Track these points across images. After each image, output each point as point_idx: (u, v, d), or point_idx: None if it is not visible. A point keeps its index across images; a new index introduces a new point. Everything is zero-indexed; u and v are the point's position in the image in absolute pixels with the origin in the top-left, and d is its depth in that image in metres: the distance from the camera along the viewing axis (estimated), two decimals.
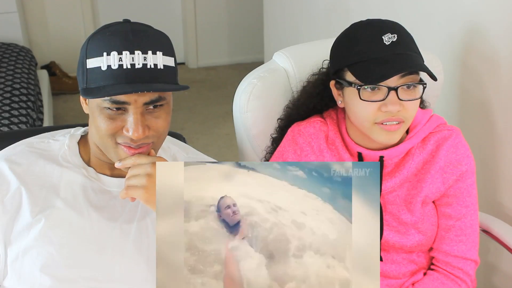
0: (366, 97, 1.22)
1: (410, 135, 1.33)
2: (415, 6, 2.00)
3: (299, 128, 1.38)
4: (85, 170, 1.18)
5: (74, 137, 1.21)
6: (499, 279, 1.79)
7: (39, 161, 1.17)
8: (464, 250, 1.35)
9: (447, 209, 1.35)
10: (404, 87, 1.21)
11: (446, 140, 1.34)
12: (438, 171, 1.33)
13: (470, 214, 1.35)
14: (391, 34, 1.21)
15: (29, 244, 1.11)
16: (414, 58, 1.22)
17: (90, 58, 1.07)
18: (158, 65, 1.06)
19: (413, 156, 1.34)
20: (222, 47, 4.67)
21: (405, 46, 1.22)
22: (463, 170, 1.34)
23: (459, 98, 1.83)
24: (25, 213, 1.12)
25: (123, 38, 1.05)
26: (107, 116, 1.07)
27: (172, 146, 1.29)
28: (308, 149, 1.36)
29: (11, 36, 3.60)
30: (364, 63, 1.22)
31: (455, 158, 1.34)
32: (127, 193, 1.09)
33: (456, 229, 1.35)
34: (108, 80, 1.04)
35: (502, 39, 1.62)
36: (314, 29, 2.82)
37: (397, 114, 1.21)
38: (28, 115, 2.64)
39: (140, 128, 1.06)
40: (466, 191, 1.35)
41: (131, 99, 1.05)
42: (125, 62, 1.04)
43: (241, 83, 1.51)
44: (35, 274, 1.10)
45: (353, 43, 1.25)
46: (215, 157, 1.82)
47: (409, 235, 1.34)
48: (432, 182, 1.33)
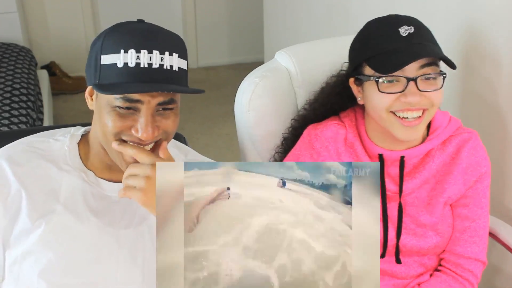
0: (385, 89, 1.21)
1: (432, 136, 1.33)
2: (415, 6, 1.99)
3: (316, 132, 1.36)
4: (84, 174, 1.16)
5: (74, 137, 1.20)
6: (501, 281, 1.79)
7: (40, 162, 1.15)
8: (476, 251, 1.35)
9: (464, 210, 1.35)
10: (423, 78, 1.20)
11: (467, 142, 1.34)
12: (460, 173, 1.33)
13: (484, 216, 1.36)
14: (407, 26, 1.21)
15: (28, 249, 1.10)
16: (431, 47, 1.21)
17: (105, 54, 1.05)
18: (174, 67, 1.06)
19: (434, 158, 1.33)
20: (222, 47, 4.67)
21: (422, 37, 1.21)
22: (482, 172, 1.35)
23: (460, 98, 1.83)
24: (24, 217, 1.10)
25: (141, 37, 1.05)
26: (117, 114, 1.06)
27: (172, 148, 1.27)
28: (326, 154, 1.34)
29: (11, 36, 3.59)
30: (381, 55, 1.21)
31: (475, 160, 1.34)
32: (125, 193, 1.08)
33: (471, 230, 1.35)
34: (124, 78, 1.03)
35: (503, 39, 1.62)
36: (314, 29, 2.82)
37: (419, 104, 1.21)
38: (28, 115, 2.64)
39: (150, 129, 1.05)
40: (482, 193, 1.35)
41: (145, 98, 1.04)
42: (143, 60, 1.03)
43: (243, 82, 1.51)
44: (33, 279, 1.09)
45: (370, 38, 1.25)
46: (215, 157, 1.82)
47: (427, 238, 1.34)
48: (454, 184, 1.33)
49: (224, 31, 4.64)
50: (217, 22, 4.58)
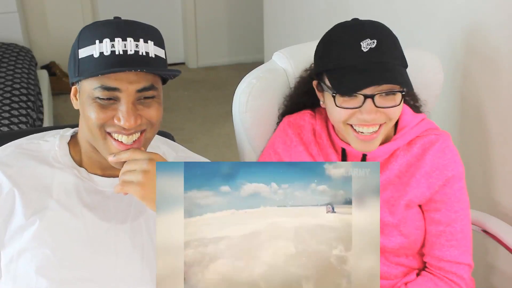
0: (342, 104, 1.21)
1: (397, 136, 1.32)
2: (415, 6, 1.99)
3: (290, 120, 1.42)
4: (76, 170, 1.17)
5: (64, 138, 1.21)
6: (498, 279, 1.79)
7: (30, 162, 1.16)
8: (456, 254, 1.33)
9: (436, 215, 1.33)
10: (382, 94, 1.19)
11: (432, 144, 1.32)
12: (423, 176, 1.31)
13: (460, 220, 1.33)
14: (370, 39, 1.18)
15: (23, 246, 1.10)
16: (391, 68, 1.20)
17: (82, 48, 1.07)
18: (150, 54, 1.07)
19: (397, 158, 1.32)
20: (222, 47, 4.67)
21: (383, 54, 1.19)
22: (449, 176, 1.31)
23: (458, 97, 1.83)
24: (18, 215, 1.11)
25: (115, 27, 1.06)
26: (98, 106, 1.07)
27: (162, 145, 1.28)
28: (297, 139, 1.38)
29: (11, 36, 3.60)
30: (340, 71, 1.21)
31: (441, 163, 1.31)
32: (122, 188, 1.08)
33: (447, 234, 1.33)
34: (101, 67, 1.04)
35: (502, 39, 1.62)
36: (314, 29, 2.82)
37: (373, 121, 1.20)
38: (28, 115, 2.64)
39: (132, 117, 1.06)
40: (454, 197, 1.32)
41: (123, 86, 1.05)
42: (118, 48, 1.04)
43: (241, 83, 1.51)
44: (31, 276, 1.10)
45: (332, 47, 1.24)
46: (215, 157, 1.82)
47: (391, 237, 1.33)
48: (417, 186, 1.31)
49: (224, 31, 4.64)
50: (217, 22, 4.59)
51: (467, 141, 1.80)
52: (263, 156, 1.45)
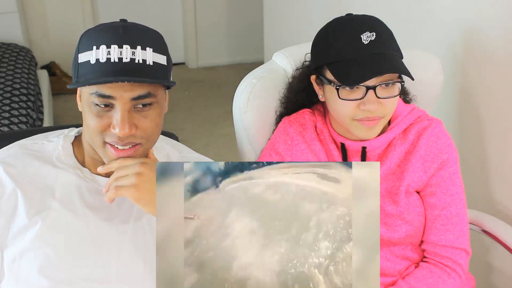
0: (345, 96, 1.25)
1: (391, 125, 1.35)
2: (415, 6, 2.00)
3: (290, 119, 1.43)
4: (79, 170, 1.17)
5: (68, 138, 1.21)
6: (498, 279, 1.79)
7: (34, 162, 1.16)
8: (451, 239, 1.35)
9: (432, 199, 1.36)
10: (383, 85, 1.23)
11: (425, 129, 1.35)
12: (419, 160, 1.34)
13: (456, 203, 1.36)
14: (369, 32, 1.23)
15: (26, 246, 1.10)
16: (391, 58, 1.24)
17: (81, 53, 1.07)
18: (147, 61, 1.06)
19: (395, 147, 1.36)
20: (222, 47, 4.67)
21: (383, 45, 1.24)
22: (444, 159, 1.35)
23: (458, 97, 1.83)
24: (21, 216, 1.11)
25: (112, 33, 1.06)
26: (95, 113, 1.07)
27: (165, 145, 1.29)
28: (299, 138, 1.39)
29: (11, 36, 3.60)
30: (342, 63, 1.24)
31: (435, 147, 1.35)
32: (116, 193, 1.08)
33: (442, 218, 1.35)
34: (96, 73, 1.04)
35: (501, 39, 1.62)
36: (314, 29, 2.81)
37: (375, 112, 1.24)
38: (28, 115, 2.65)
39: (126, 125, 1.05)
40: (449, 180, 1.35)
41: (117, 93, 1.04)
42: (113, 55, 1.04)
43: (241, 83, 1.51)
44: (33, 276, 1.10)
45: (333, 40, 1.27)
46: (215, 157, 1.82)
47: (396, 227, 1.35)
48: (413, 171, 1.34)
49: (224, 31, 4.64)
50: (217, 22, 4.59)
51: (466, 141, 1.80)
52: (263, 157, 1.45)
